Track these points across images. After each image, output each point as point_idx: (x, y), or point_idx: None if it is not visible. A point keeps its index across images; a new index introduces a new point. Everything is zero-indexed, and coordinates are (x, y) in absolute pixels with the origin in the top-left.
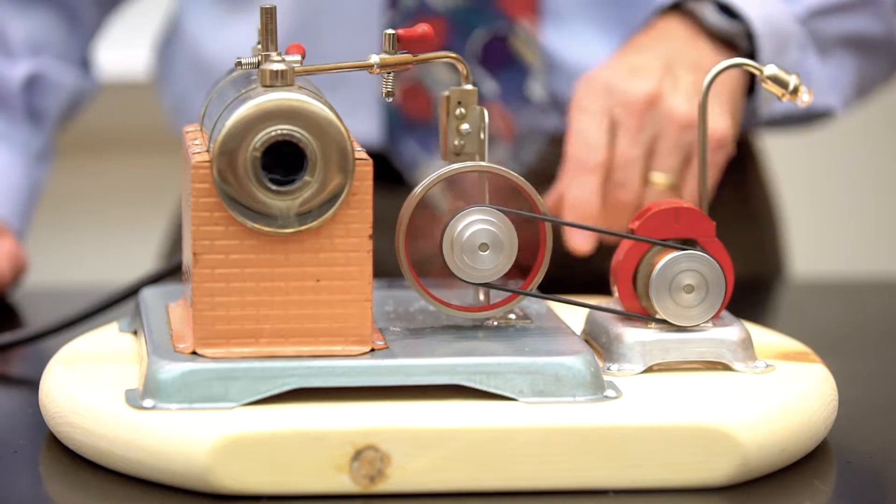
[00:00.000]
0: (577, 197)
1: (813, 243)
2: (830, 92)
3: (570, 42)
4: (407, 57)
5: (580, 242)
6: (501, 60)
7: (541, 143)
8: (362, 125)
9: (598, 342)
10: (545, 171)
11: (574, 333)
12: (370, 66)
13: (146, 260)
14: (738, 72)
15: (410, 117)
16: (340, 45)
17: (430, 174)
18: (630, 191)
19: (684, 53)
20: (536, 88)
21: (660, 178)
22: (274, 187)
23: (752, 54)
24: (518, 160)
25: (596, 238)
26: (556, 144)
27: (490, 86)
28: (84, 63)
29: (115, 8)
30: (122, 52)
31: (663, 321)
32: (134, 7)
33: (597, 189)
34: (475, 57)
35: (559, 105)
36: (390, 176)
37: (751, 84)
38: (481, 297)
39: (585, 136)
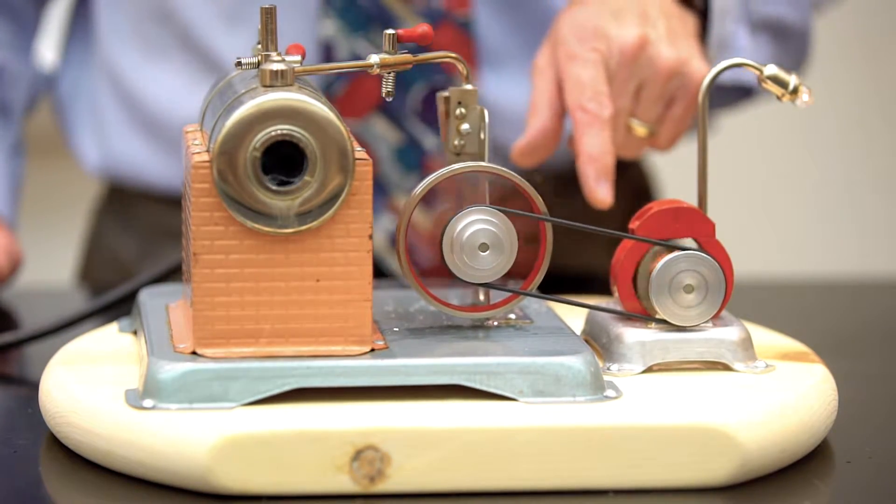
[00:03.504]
0: (596, 149)
1: (813, 243)
2: None
3: (509, 88)
4: (407, 57)
5: (605, 194)
6: None
7: None
8: None
9: (598, 342)
10: None
11: (574, 333)
12: (370, 66)
13: None
14: (692, 18)
15: None
16: None
17: (431, 174)
18: (615, 140)
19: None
20: None
21: (641, 127)
22: (274, 187)
23: (704, 12)
24: None
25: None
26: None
27: (432, 140)
28: (32, 58)
29: (50, 1)
30: None
31: (663, 321)
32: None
33: (611, 139)
34: (415, 112)
35: (500, 151)
36: None
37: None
38: (481, 297)
39: (593, 86)
